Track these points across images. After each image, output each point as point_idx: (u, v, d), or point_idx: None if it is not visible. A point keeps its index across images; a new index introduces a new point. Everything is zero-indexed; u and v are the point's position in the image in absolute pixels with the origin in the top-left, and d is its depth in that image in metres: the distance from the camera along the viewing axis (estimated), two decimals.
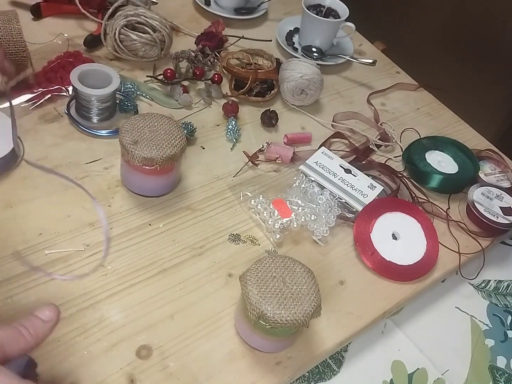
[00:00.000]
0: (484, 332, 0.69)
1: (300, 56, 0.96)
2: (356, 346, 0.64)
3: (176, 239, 0.64)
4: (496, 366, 0.66)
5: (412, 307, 0.69)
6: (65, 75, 0.76)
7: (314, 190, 0.72)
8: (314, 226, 0.68)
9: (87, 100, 0.71)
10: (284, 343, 0.56)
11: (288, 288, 0.51)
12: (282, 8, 1.09)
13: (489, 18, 1.16)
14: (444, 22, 1.27)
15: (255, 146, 0.78)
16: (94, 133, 0.73)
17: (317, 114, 0.87)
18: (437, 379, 0.63)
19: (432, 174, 0.78)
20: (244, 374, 0.55)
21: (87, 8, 0.88)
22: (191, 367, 0.54)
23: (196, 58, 0.85)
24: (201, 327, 0.57)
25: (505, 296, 0.74)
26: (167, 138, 0.62)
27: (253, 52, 0.90)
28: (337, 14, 0.98)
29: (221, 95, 0.84)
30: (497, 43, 1.16)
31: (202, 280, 0.61)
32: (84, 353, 0.53)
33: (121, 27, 0.81)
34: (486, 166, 0.84)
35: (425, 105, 0.95)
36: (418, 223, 0.71)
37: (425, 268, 0.68)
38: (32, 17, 0.89)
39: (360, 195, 0.72)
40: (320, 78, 0.84)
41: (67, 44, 0.84)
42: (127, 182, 0.68)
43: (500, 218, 0.74)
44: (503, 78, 1.17)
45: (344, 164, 0.76)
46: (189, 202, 0.69)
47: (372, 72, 0.98)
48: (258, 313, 0.49)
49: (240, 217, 0.69)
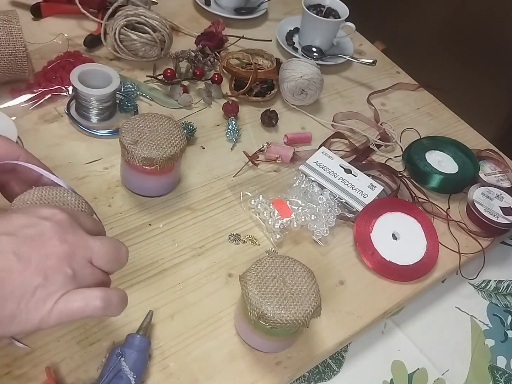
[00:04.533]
0: (484, 332, 0.69)
1: (300, 56, 0.96)
2: (356, 346, 0.64)
3: (176, 239, 0.64)
4: (496, 366, 0.66)
5: (412, 307, 0.69)
6: (65, 75, 0.76)
7: (314, 190, 0.72)
8: (314, 226, 0.68)
9: (87, 100, 0.71)
10: (284, 343, 0.56)
11: (288, 288, 0.51)
12: (282, 8, 1.09)
13: (489, 18, 1.16)
14: (444, 22, 1.27)
15: (255, 146, 0.78)
16: (94, 133, 0.73)
17: (317, 114, 0.87)
18: (437, 379, 0.63)
19: (432, 174, 0.78)
20: (244, 374, 0.55)
21: (87, 8, 0.88)
22: (191, 367, 0.54)
23: (196, 58, 0.85)
24: (201, 327, 0.57)
25: (505, 296, 0.74)
26: (167, 138, 0.62)
27: (253, 52, 0.90)
28: (337, 14, 0.98)
29: (221, 95, 0.84)
30: (497, 43, 1.15)
31: (202, 280, 0.61)
32: (85, 353, 0.53)
33: (121, 27, 0.81)
34: (486, 166, 0.84)
35: (425, 105, 0.95)
36: (418, 223, 0.71)
37: (425, 268, 0.68)
38: (32, 17, 0.89)
39: (360, 195, 0.72)
40: (320, 78, 0.84)
41: (67, 44, 0.84)
42: (127, 182, 0.68)
43: (500, 218, 0.74)
44: (503, 78, 1.17)
45: (344, 164, 0.76)
46: (189, 202, 0.69)
47: (372, 72, 0.98)
48: (258, 313, 0.49)
49: (240, 217, 0.69)
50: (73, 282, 0.39)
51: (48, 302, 0.38)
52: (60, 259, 0.39)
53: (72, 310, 0.39)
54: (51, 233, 0.40)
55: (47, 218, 0.41)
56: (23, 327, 0.38)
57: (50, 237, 0.40)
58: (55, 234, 0.40)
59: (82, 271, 0.40)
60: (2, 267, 0.37)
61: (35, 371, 0.50)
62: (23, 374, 0.50)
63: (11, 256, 0.38)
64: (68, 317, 0.39)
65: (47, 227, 0.40)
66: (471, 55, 1.20)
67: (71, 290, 0.39)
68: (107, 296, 0.40)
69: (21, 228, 0.39)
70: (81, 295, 0.39)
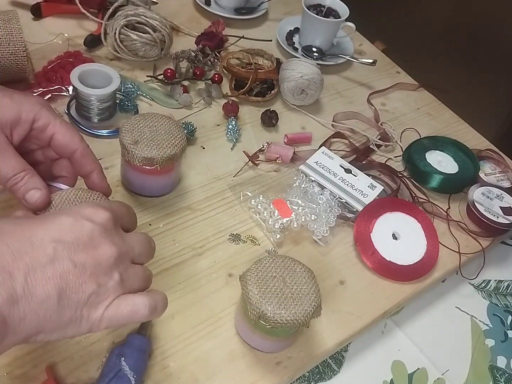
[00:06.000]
0: (484, 332, 0.69)
1: (300, 56, 0.96)
2: (356, 346, 0.64)
3: (176, 239, 0.64)
4: (496, 366, 0.66)
5: (412, 307, 0.69)
6: (65, 75, 0.76)
7: (314, 190, 0.72)
8: (314, 226, 0.68)
9: (87, 100, 0.71)
10: (284, 343, 0.56)
11: (288, 288, 0.51)
12: (282, 8, 1.09)
13: (489, 17, 1.17)
14: (444, 22, 1.27)
15: (255, 146, 0.78)
16: (94, 133, 0.73)
17: (317, 114, 0.87)
18: (437, 379, 0.63)
19: (432, 174, 0.78)
20: (244, 374, 0.55)
21: (87, 8, 0.88)
22: (191, 367, 0.54)
23: (196, 58, 0.85)
24: (201, 327, 0.57)
25: (505, 296, 0.74)
26: (167, 138, 0.62)
27: (253, 52, 0.90)
28: (337, 14, 0.98)
29: (221, 95, 0.84)
30: (497, 43, 1.16)
31: (202, 280, 0.61)
32: (85, 353, 0.53)
33: (121, 27, 0.81)
34: (486, 166, 0.84)
35: (425, 105, 0.95)
36: (418, 223, 0.71)
37: (425, 268, 0.68)
38: (32, 17, 0.89)
39: (360, 195, 0.72)
40: (320, 78, 0.84)
41: (67, 44, 0.84)
42: (127, 182, 0.68)
43: (500, 218, 0.74)
44: (503, 78, 1.17)
45: (344, 164, 0.76)
46: (189, 202, 0.69)
47: (372, 72, 0.98)
48: (258, 313, 0.49)
49: (240, 217, 0.69)
50: (122, 287, 0.40)
51: (99, 309, 0.39)
52: (111, 265, 0.40)
53: (122, 316, 0.40)
54: (100, 237, 0.40)
55: (91, 219, 0.41)
56: (76, 331, 0.39)
57: (100, 241, 0.40)
58: (104, 238, 0.40)
59: (127, 272, 0.41)
60: (61, 275, 0.37)
61: (35, 371, 0.50)
62: (23, 374, 0.50)
63: (67, 263, 0.38)
64: (117, 323, 0.40)
65: (96, 230, 0.40)
66: (471, 55, 1.20)
67: (120, 296, 0.40)
68: (154, 303, 0.41)
69: (70, 231, 0.39)
70: (130, 301, 0.40)
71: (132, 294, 0.41)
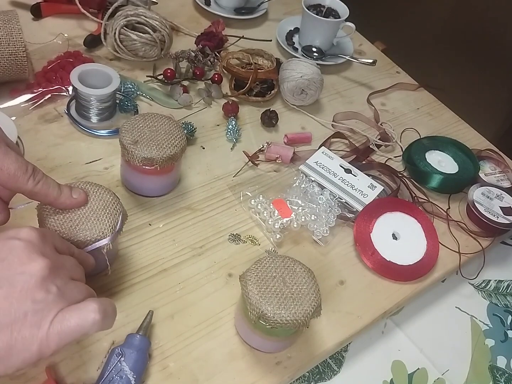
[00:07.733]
0: (484, 332, 0.69)
1: (300, 56, 0.96)
2: (356, 346, 0.64)
3: (176, 239, 0.64)
4: (496, 366, 0.66)
5: (412, 307, 0.69)
6: (65, 75, 0.76)
7: (314, 190, 0.72)
8: (314, 226, 0.68)
9: (87, 100, 0.71)
10: (284, 343, 0.56)
11: (288, 288, 0.50)
12: (282, 8, 1.09)
13: (489, 17, 1.16)
14: (444, 22, 1.27)
15: (255, 146, 0.78)
16: (94, 133, 0.73)
17: (317, 114, 0.87)
18: (437, 379, 0.63)
19: (432, 174, 0.78)
20: (244, 374, 0.55)
21: (87, 8, 0.88)
22: (191, 367, 0.54)
23: (196, 58, 0.85)
24: (201, 327, 0.57)
25: (505, 296, 0.74)
26: (167, 138, 0.62)
27: (253, 52, 0.90)
28: (337, 14, 0.98)
29: (221, 95, 0.84)
30: (497, 43, 1.15)
31: (202, 280, 0.61)
32: (85, 353, 0.52)
33: (121, 27, 0.81)
34: (486, 166, 0.84)
35: (425, 105, 0.95)
36: (418, 223, 0.71)
37: (425, 268, 0.68)
38: (32, 17, 0.89)
39: (360, 195, 0.72)
40: (320, 78, 0.84)
41: (67, 44, 0.84)
42: (127, 182, 0.68)
43: (500, 218, 0.74)
44: (503, 78, 1.17)
45: (344, 164, 0.76)
46: (189, 202, 0.69)
47: (372, 72, 0.98)
48: (258, 313, 0.49)
49: (240, 217, 0.69)
50: (63, 300, 0.38)
51: (43, 325, 0.36)
52: (45, 277, 0.37)
53: (70, 328, 0.37)
54: (27, 251, 0.38)
55: (16, 238, 0.38)
56: (22, 358, 0.36)
57: (27, 255, 0.37)
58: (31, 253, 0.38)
59: (66, 286, 0.39)
60: None
61: (35, 371, 0.50)
62: (23, 374, 0.50)
63: None
64: (67, 337, 0.37)
65: (21, 246, 0.38)
66: (471, 55, 1.20)
67: (63, 308, 0.37)
68: (102, 306, 0.39)
69: None
70: (76, 311, 0.38)
71: (76, 304, 0.38)
